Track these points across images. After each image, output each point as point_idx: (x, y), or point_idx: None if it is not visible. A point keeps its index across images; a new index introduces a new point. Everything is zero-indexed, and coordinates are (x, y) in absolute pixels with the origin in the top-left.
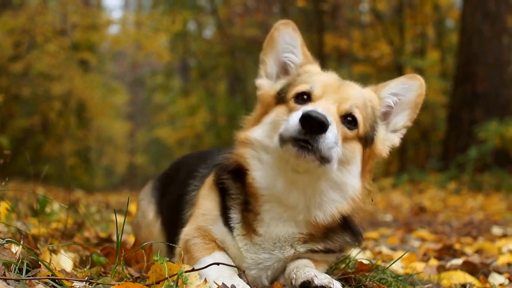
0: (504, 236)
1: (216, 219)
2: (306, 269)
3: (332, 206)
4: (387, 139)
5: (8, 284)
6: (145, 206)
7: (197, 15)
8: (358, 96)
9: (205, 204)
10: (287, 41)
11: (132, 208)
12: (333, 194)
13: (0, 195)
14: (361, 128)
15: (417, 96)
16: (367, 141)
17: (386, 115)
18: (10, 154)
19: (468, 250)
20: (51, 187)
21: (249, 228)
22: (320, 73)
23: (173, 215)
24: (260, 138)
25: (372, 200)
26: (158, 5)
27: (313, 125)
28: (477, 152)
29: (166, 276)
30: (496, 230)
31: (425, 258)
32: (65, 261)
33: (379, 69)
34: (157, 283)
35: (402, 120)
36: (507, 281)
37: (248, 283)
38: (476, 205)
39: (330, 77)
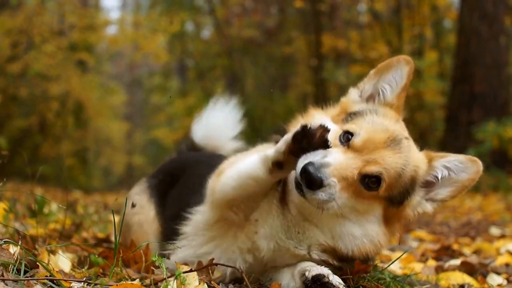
0: (502, 236)
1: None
2: (321, 267)
3: (353, 242)
4: (421, 206)
5: (6, 285)
6: (144, 202)
7: (195, 15)
8: (397, 163)
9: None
10: (396, 75)
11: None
12: (353, 228)
13: None
14: (383, 191)
15: (468, 180)
16: (392, 202)
17: (429, 184)
18: (8, 155)
19: (466, 250)
20: (49, 188)
21: (285, 201)
22: (381, 124)
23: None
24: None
25: (399, 244)
26: (156, 5)
27: (307, 180)
28: (475, 153)
29: (164, 277)
30: (494, 231)
31: (423, 258)
32: (63, 261)
33: None
34: (156, 283)
35: (444, 193)
36: (505, 282)
37: (247, 283)
38: (474, 205)
39: (383, 133)
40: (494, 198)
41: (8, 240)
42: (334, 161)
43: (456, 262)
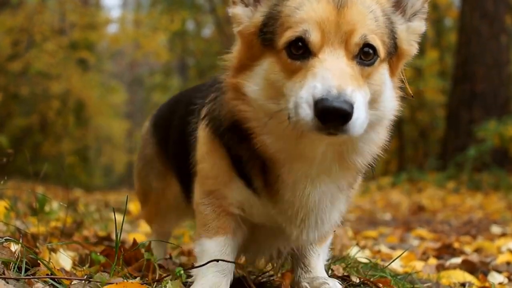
0: (503, 235)
1: (231, 182)
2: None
3: (372, 146)
4: (411, 32)
5: (8, 283)
6: (147, 141)
7: (196, 14)
8: (365, 13)
9: (211, 166)
10: None
11: (131, 206)
12: (369, 134)
13: None
14: (382, 51)
15: None
16: (390, 53)
17: (398, 2)
18: (12, 153)
19: (467, 249)
20: (50, 186)
21: (275, 194)
22: (308, 0)
23: (179, 158)
24: (258, 98)
25: (412, 97)
26: (156, 4)
27: (336, 120)
28: (476, 151)
29: (163, 275)
30: (495, 229)
31: (424, 257)
32: (64, 259)
33: None
34: (158, 281)
35: None
36: (506, 280)
37: (246, 275)
38: (475, 204)
39: (321, 2)
40: (495, 197)
41: (9, 238)
42: (329, 86)
43: (457, 260)
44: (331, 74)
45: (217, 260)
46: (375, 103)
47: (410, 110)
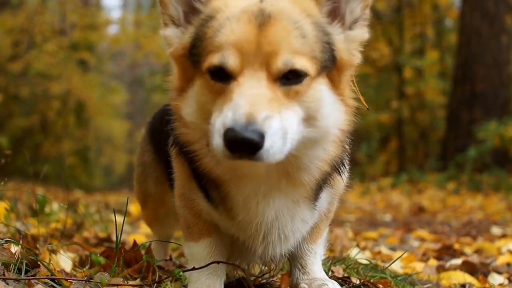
0: (504, 236)
1: (195, 191)
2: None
3: (317, 162)
4: (351, 41)
5: (8, 284)
6: (144, 148)
7: None
8: (289, 31)
9: (178, 172)
10: None
11: (132, 208)
12: (313, 151)
13: None
14: (312, 69)
15: None
16: (326, 67)
17: (334, 11)
18: (10, 154)
19: (468, 250)
20: (50, 187)
21: (231, 212)
22: (230, 18)
23: (169, 165)
24: (193, 121)
25: (368, 109)
26: (157, 4)
27: (243, 150)
28: (476, 152)
29: (163, 277)
30: (496, 230)
31: (424, 258)
32: (64, 261)
33: (378, 69)
34: (158, 282)
35: (358, 3)
36: (506, 281)
37: (246, 276)
38: (475, 205)
39: (243, 19)
40: (495, 198)
41: (9, 239)
42: (238, 104)
43: (457, 261)
44: (244, 100)
45: (218, 262)
46: (313, 120)
47: (411, 110)
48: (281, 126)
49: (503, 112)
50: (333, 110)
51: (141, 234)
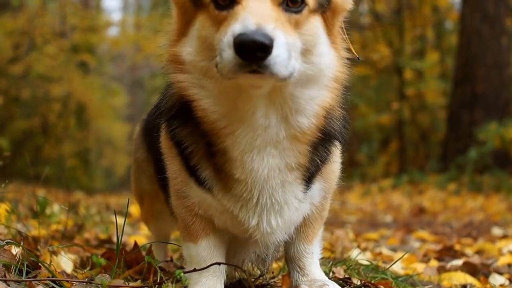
0: (505, 237)
1: (187, 181)
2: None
3: (313, 104)
4: None
5: (9, 286)
6: (138, 145)
7: None
8: None
9: (170, 165)
10: None
11: (132, 209)
12: (309, 90)
13: (0, 197)
14: (311, 0)
15: None
16: (322, 5)
17: None
18: (10, 156)
19: (469, 251)
20: (51, 189)
21: (225, 177)
22: None
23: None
24: (192, 59)
25: (359, 59)
26: (157, 6)
27: (254, 53)
28: (476, 153)
29: (163, 279)
30: (496, 231)
31: (425, 259)
32: (65, 262)
33: (379, 71)
34: (159, 283)
35: None
36: (507, 282)
37: (247, 277)
38: (476, 206)
39: None
40: (496, 199)
41: (10, 241)
42: (246, 20)
43: (458, 262)
44: (251, 14)
45: (219, 264)
46: (309, 55)
47: (411, 112)
48: (286, 41)
49: (504, 113)
50: (327, 51)
51: (142, 236)
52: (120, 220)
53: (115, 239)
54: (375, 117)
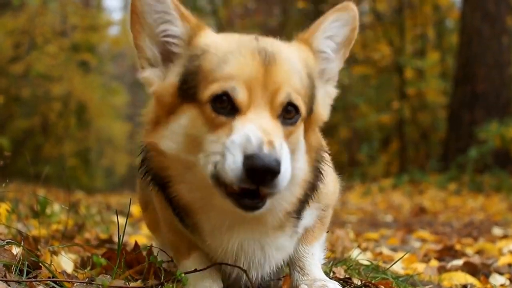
0: (505, 236)
1: (173, 221)
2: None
3: (283, 204)
4: (326, 96)
5: (9, 286)
6: None
7: (197, 16)
8: (292, 73)
9: (158, 202)
10: (157, 9)
11: (133, 209)
12: (283, 193)
13: (0, 197)
14: (303, 111)
15: (351, 31)
16: (306, 116)
17: (322, 70)
18: (10, 155)
19: (469, 250)
20: (52, 188)
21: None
22: (233, 52)
23: None
24: (174, 153)
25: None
26: None
27: (264, 177)
28: (477, 153)
29: (164, 279)
30: (497, 231)
31: (425, 259)
32: (65, 262)
33: (380, 70)
34: (160, 284)
35: (336, 64)
36: (508, 282)
37: (251, 284)
38: (477, 205)
39: (247, 55)
40: (497, 198)
41: (10, 241)
42: (255, 132)
43: (459, 262)
44: (259, 129)
45: (220, 264)
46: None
47: (412, 111)
48: (288, 157)
49: (504, 113)
50: (302, 157)
51: (143, 235)
52: (121, 219)
53: (115, 239)
54: (376, 116)
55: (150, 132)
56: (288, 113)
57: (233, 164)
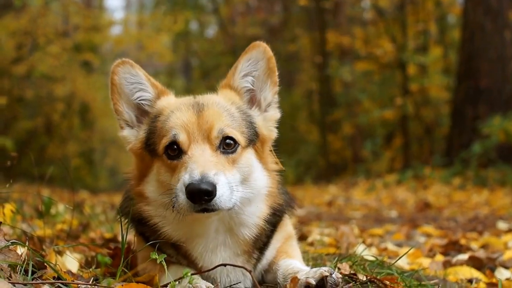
0: (510, 230)
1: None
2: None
3: (253, 217)
4: (268, 120)
5: (15, 286)
6: None
7: (199, 14)
8: (220, 112)
9: (138, 245)
10: (131, 80)
11: None
12: (249, 208)
13: (5, 197)
14: (242, 140)
15: (268, 62)
16: (252, 140)
17: (252, 99)
18: (16, 156)
19: (474, 245)
20: (56, 189)
21: (191, 261)
22: (174, 110)
23: None
24: (155, 196)
25: (284, 170)
26: (160, 5)
27: (201, 198)
28: (481, 148)
29: (168, 281)
30: (502, 225)
31: (430, 253)
32: (70, 262)
33: (382, 66)
34: (165, 285)
35: (269, 92)
36: None
37: (255, 284)
38: (481, 200)
39: (184, 109)
40: (501, 193)
41: (15, 241)
42: (193, 172)
43: (464, 257)
44: (196, 164)
45: (225, 265)
46: (247, 181)
47: (415, 107)
48: (227, 181)
49: (507, 107)
50: (261, 175)
51: None
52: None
53: (120, 238)
54: (379, 112)
55: (136, 184)
56: (228, 146)
57: (182, 201)
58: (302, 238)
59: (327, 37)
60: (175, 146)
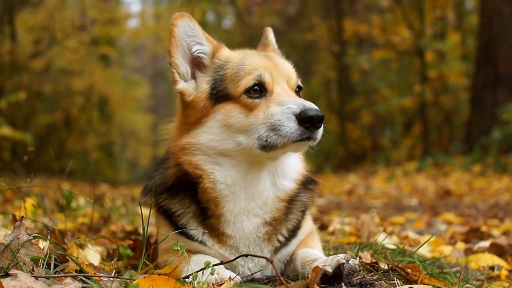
0: None
1: (178, 239)
2: (325, 257)
3: (293, 171)
4: None
5: (37, 279)
6: None
7: (216, 5)
8: (289, 64)
9: (160, 230)
10: (189, 33)
11: None
12: (290, 160)
13: (26, 192)
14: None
15: None
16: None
17: None
18: (34, 151)
19: (495, 232)
20: (76, 182)
21: (218, 233)
22: (245, 57)
23: None
24: (211, 144)
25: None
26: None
27: (317, 123)
28: (501, 134)
29: (191, 272)
30: None
31: (452, 241)
32: (92, 255)
33: (400, 54)
34: (187, 277)
35: None
36: None
37: (277, 273)
38: (502, 186)
39: (257, 55)
40: None
41: (37, 235)
42: (293, 98)
43: (485, 244)
44: (292, 98)
45: (246, 255)
46: None
47: (434, 94)
48: None
49: None
50: None
51: None
52: (146, 211)
53: (141, 231)
54: (398, 100)
55: (181, 137)
56: (297, 94)
57: (291, 128)
58: (322, 227)
59: (344, 26)
60: (257, 87)
